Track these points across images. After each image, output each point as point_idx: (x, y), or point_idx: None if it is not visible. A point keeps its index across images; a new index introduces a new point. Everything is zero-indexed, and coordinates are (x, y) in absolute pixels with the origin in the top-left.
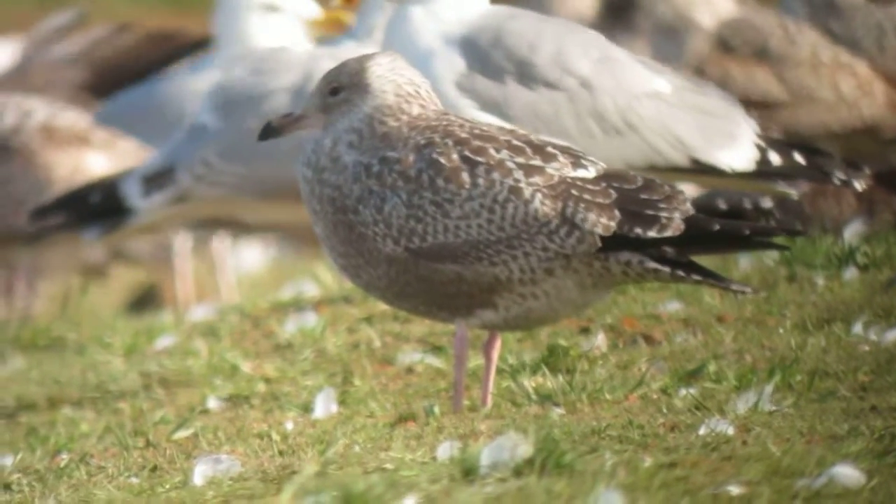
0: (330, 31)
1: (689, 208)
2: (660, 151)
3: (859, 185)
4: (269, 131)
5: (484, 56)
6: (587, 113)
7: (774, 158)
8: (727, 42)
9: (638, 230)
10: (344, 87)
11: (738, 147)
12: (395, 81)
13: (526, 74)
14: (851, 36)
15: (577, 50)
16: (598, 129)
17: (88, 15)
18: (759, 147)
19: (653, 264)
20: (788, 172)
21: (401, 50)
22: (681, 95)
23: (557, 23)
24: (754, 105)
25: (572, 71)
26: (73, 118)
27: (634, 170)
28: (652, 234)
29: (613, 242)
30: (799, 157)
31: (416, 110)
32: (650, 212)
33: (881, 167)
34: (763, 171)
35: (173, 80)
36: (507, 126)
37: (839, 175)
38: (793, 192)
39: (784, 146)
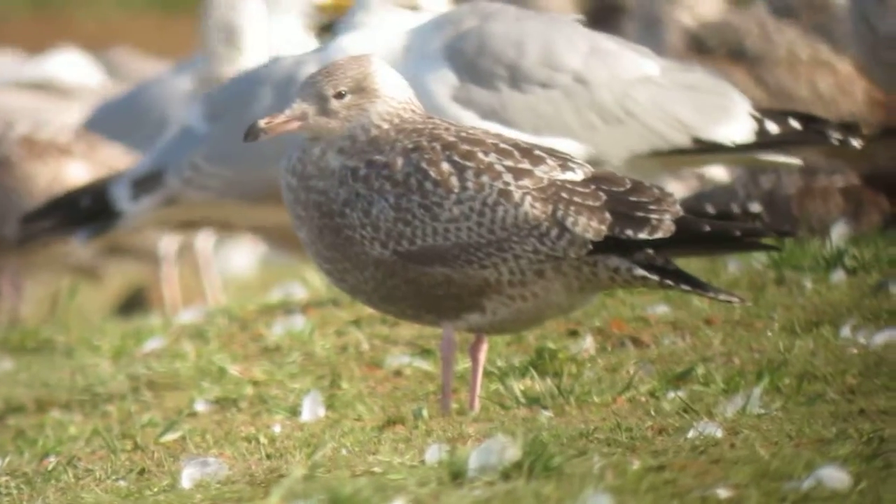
0: (336, 16)
1: (678, 210)
2: (661, 135)
3: (857, 143)
4: (255, 132)
5: (472, 65)
6: (586, 106)
7: (772, 127)
8: (704, 43)
9: (629, 232)
10: (351, 91)
11: (735, 120)
12: (397, 86)
13: (518, 77)
14: (838, 32)
15: (565, 44)
16: (598, 121)
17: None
18: (755, 118)
19: (641, 272)
20: (787, 139)
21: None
22: (671, 77)
23: (538, 17)
24: None
25: (564, 67)
26: (56, 130)
27: (639, 157)
28: (643, 235)
29: (604, 244)
30: (795, 123)
31: (406, 114)
32: (640, 213)
33: (868, 168)
34: (763, 142)
35: (158, 83)
36: (494, 130)
37: (836, 136)
38: (796, 161)
39: (779, 114)
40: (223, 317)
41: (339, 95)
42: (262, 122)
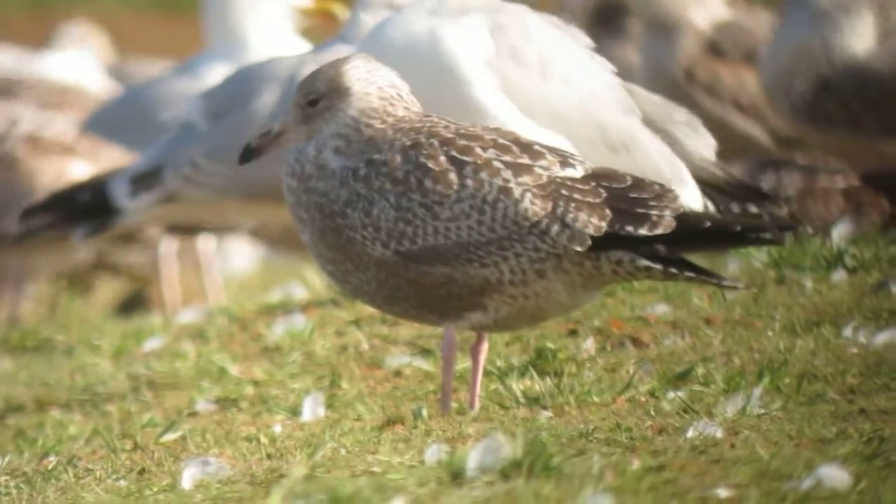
0: (319, 21)
1: (679, 206)
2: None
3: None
4: (249, 153)
5: (513, 45)
6: (594, 123)
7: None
8: (717, 45)
9: (629, 228)
10: (322, 95)
11: (688, 188)
12: (375, 83)
13: (546, 70)
14: None
15: (594, 63)
16: (600, 141)
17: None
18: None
19: (644, 262)
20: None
21: (404, 35)
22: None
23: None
24: (743, 108)
25: (588, 76)
26: (61, 128)
27: None
28: (643, 231)
29: (605, 241)
30: (736, 208)
31: (400, 112)
32: (641, 210)
33: (869, 168)
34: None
35: (160, 84)
36: (492, 125)
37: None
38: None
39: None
40: (223, 316)
41: (313, 102)
42: (253, 143)
